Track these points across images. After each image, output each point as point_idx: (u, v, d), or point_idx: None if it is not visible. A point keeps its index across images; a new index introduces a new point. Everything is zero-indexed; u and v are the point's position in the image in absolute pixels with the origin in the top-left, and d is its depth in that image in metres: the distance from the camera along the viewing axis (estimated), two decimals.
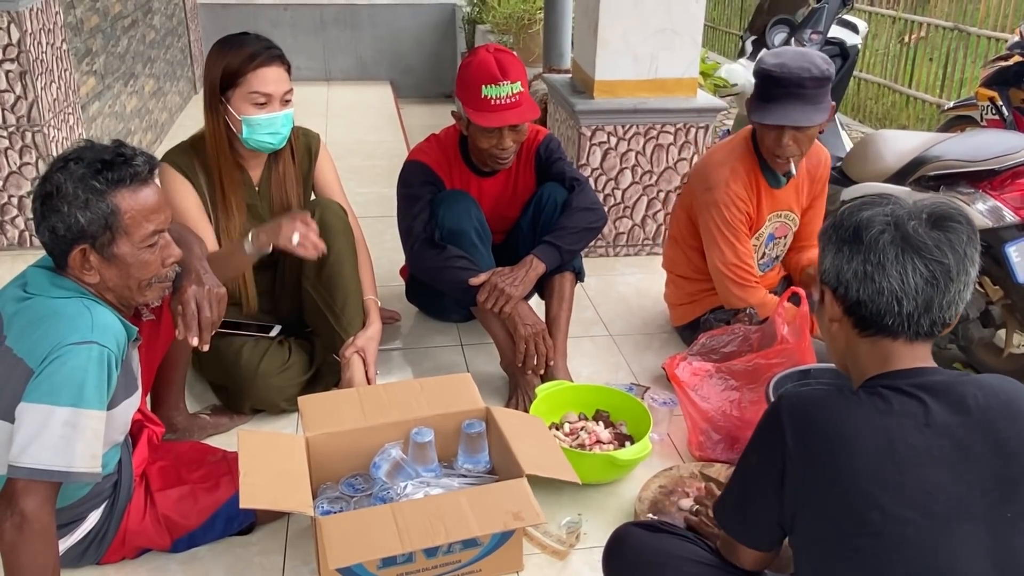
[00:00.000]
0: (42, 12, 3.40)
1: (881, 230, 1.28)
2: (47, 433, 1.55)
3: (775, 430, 1.31)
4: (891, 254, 1.27)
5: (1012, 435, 1.24)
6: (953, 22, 6.70)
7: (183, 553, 1.95)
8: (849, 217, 1.33)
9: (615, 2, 3.29)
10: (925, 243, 1.26)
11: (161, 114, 5.44)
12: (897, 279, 1.27)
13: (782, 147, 2.44)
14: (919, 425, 1.24)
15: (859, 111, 7.47)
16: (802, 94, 2.36)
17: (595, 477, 2.18)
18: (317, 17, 7.33)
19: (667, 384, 2.57)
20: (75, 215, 1.63)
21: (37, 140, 3.40)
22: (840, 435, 1.25)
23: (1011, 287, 2.79)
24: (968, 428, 1.24)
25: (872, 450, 1.23)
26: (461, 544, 1.81)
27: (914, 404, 1.25)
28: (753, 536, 1.43)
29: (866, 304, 1.30)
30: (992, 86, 4.17)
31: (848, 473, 1.23)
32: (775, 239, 2.73)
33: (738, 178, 2.55)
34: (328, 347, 2.49)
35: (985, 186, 2.75)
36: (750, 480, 1.40)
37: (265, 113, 2.32)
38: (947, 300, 1.28)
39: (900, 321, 1.29)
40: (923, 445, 1.22)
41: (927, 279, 1.26)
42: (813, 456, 1.26)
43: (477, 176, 2.68)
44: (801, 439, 1.27)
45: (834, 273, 1.33)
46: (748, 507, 1.41)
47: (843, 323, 1.36)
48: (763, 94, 2.44)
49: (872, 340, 1.33)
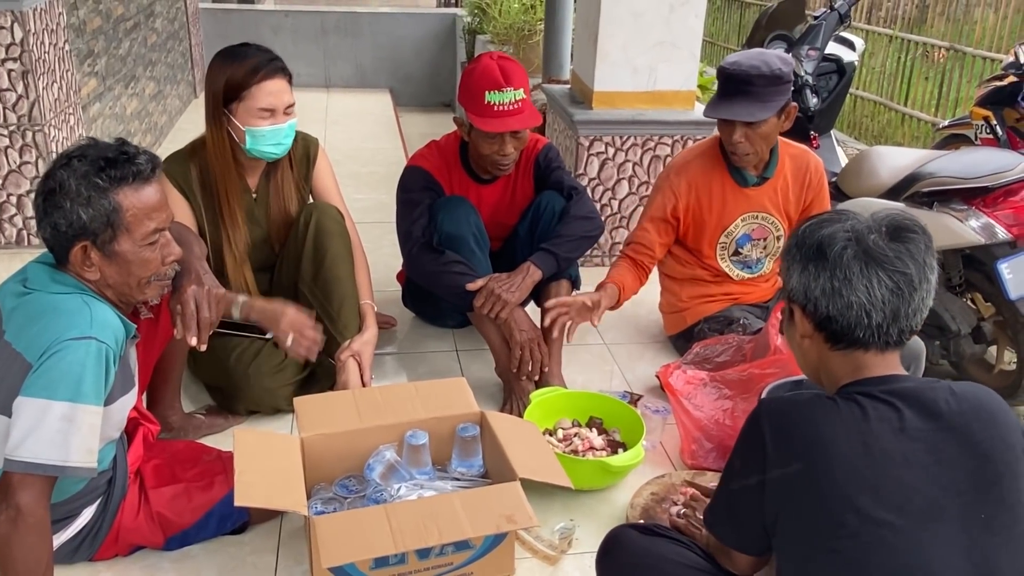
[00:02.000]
0: (45, 12, 3.41)
1: (844, 246, 1.33)
2: (44, 427, 1.56)
3: (756, 435, 1.35)
4: (856, 268, 1.32)
5: (984, 438, 1.28)
6: (949, 42, 6.77)
7: (176, 551, 1.95)
8: (811, 235, 1.38)
9: (615, 14, 3.33)
10: (887, 255, 1.31)
11: (161, 117, 5.46)
12: (864, 292, 1.31)
13: (734, 143, 2.52)
14: (894, 430, 1.27)
15: (855, 128, 7.52)
16: (749, 91, 2.44)
17: (588, 483, 2.19)
18: (318, 24, 7.36)
19: (660, 393, 2.59)
20: (77, 211, 1.64)
21: (37, 139, 3.41)
22: (818, 439, 1.28)
23: (1003, 304, 2.82)
24: (941, 432, 1.28)
25: (849, 454, 1.26)
26: (453, 546, 1.82)
27: (888, 410, 1.29)
28: (743, 540, 1.45)
29: (836, 319, 1.34)
30: (987, 105, 4.22)
31: (826, 476, 1.26)
32: (752, 240, 2.75)
33: (686, 172, 2.66)
34: (324, 350, 2.49)
35: (978, 203, 2.78)
36: (735, 485, 1.42)
37: (269, 125, 2.34)
38: (912, 308, 1.33)
39: (871, 333, 1.33)
40: (898, 449, 1.26)
41: (892, 290, 1.31)
42: (792, 460, 1.30)
43: (476, 183, 2.70)
44: (780, 443, 1.31)
45: (802, 291, 1.38)
46: (735, 512, 1.43)
47: (815, 339, 1.40)
48: (719, 90, 2.54)
49: (844, 353, 1.37)
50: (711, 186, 2.66)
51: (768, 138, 2.53)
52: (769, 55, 2.48)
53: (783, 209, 2.72)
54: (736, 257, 2.77)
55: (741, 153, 2.54)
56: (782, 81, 2.44)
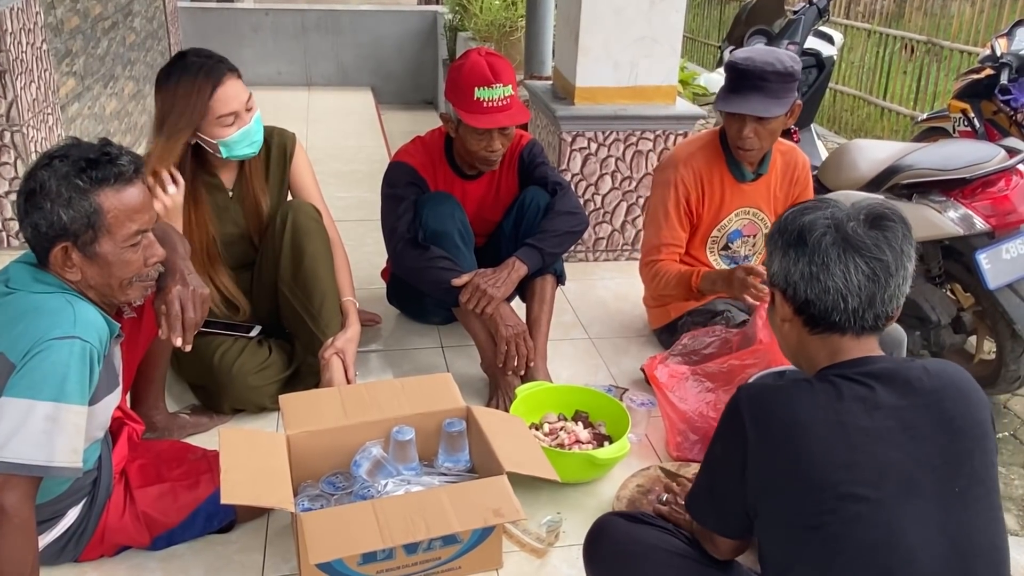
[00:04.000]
0: (22, 12, 3.38)
1: (823, 232, 1.37)
2: (28, 427, 1.55)
3: (735, 420, 1.37)
4: (834, 254, 1.35)
5: (957, 414, 1.32)
6: (927, 36, 6.83)
7: (162, 551, 1.94)
8: (793, 221, 1.41)
9: (596, 10, 3.34)
10: (864, 242, 1.35)
11: (140, 117, 5.42)
12: (841, 278, 1.35)
13: (743, 138, 2.52)
14: (868, 408, 1.31)
15: (835, 122, 7.58)
16: (764, 87, 2.45)
17: (574, 476, 2.20)
18: (299, 22, 7.33)
19: (645, 386, 2.61)
20: (58, 213, 1.63)
21: (16, 140, 3.38)
22: (796, 421, 1.32)
23: (982, 294, 2.85)
24: (915, 408, 1.31)
25: (825, 434, 1.29)
26: (441, 541, 1.82)
27: (863, 390, 1.32)
28: (724, 524, 1.48)
29: (814, 303, 1.38)
30: (964, 98, 4.26)
31: (804, 456, 1.30)
32: (743, 236, 2.77)
33: (692, 164, 2.65)
34: (307, 349, 2.49)
35: (957, 194, 2.81)
36: (716, 470, 1.46)
37: (237, 130, 2.33)
38: (888, 295, 1.36)
39: (846, 317, 1.37)
40: (872, 427, 1.30)
41: (868, 276, 1.35)
42: (771, 442, 1.33)
43: (461, 179, 2.71)
44: (759, 426, 1.34)
45: (782, 275, 1.42)
46: (717, 496, 1.46)
47: (794, 322, 1.44)
48: (730, 86, 2.54)
49: (822, 337, 1.41)
50: (712, 179, 2.67)
51: (774, 134, 2.56)
52: (780, 53, 2.52)
53: (773, 206, 2.75)
54: (725, 252, 2.78)
55: (747, 148, 2.55)
56: (793, 79, 2.48)
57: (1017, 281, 2.76)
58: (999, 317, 2.82)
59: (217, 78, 2.29)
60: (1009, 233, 2.77)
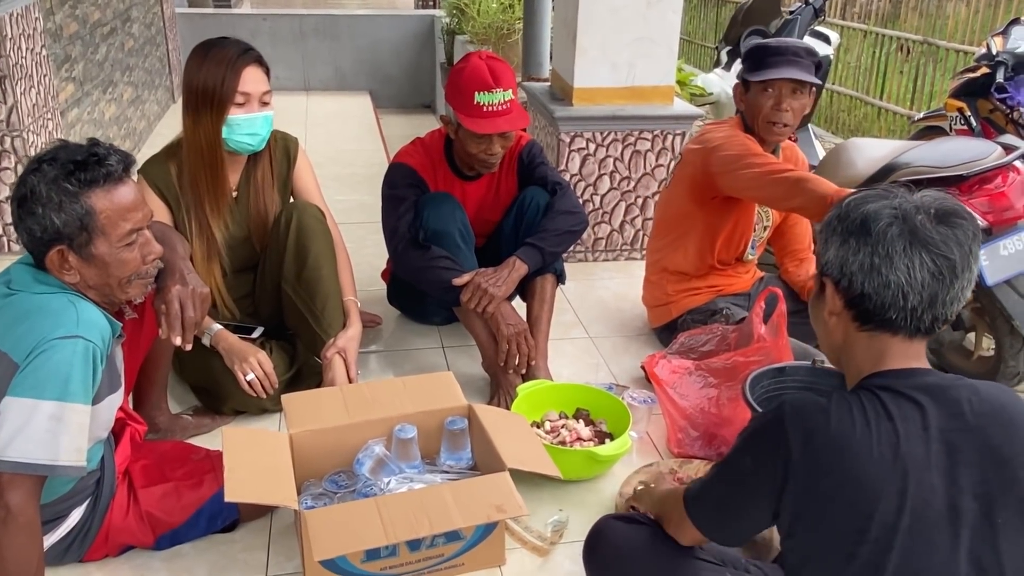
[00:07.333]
0: (22, 17, 3.40)
1: (889, 223, 1.27)
2: (32, 426, 1.56)
3: (778, 437, 1.28)
4: (899, 247, 1.26)
5: (1003, 442, 1.25)
6: (923, 36, 6.85)
7: (166, 551, 1.95)
8: (855, 208, 1.31)
9: (594, 11, 3.35)
10: (933, 238, 1.26)
11: (139, 122, 5.43)
12: (904, 272, 1.26)
13: (780, 111, 2.54)
14: (918, 430, 1.24)
15: (831, 123, 7.59)
16: (797, 61, 2.53)
17: (576, 473, 2.21)
18: (296, 27, 7.35)
19: (645, 385, 2.62)
20: (50, 217, 1.62)
21: (16, 145, 3.39)
22: (845, 444, 1.24)
23: (980, 291, 2.85)
24: (962, 434, 1.24)
25: (875, 457, 1.22)
26: (444, 538, 1.83)
27: (912, 408, 1.25)
28: (723, 534, 1.43)
29: (871, 297, 1.29)
30: (961, 97, 4.27)
31: (851, 481, 1.23)
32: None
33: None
34: (309, 349, 2.50)
35: (954, 191, 2.81)
36: (740, 483, 1.37)
37: (244, 113, 2.34)
38: (950, 296, 1.28)
39: (904, 316, 1.28)
40: (920, 451, 1.23)
41: (933, 274, 1.25)
42: (818, 463, 1.25)
43: (461, 180, 2.72)
44: (807, 447, 1.26)
45: (838, 265, 1.32)
46: (730, 509, 1.40)
47: (843, 316, 1.35)
48: (760, 63, 2.57)
49: (871, 334, 1.32)
50: None
51: (798, 116, 2.59)
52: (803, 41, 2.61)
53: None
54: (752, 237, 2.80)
55: (784, 123, 2.55)
56: (819, 63, 2.57)
57: (1015, 277, 2.76)
58: (997, 313, 2.83)
59: (248, 60, 2.35)
60: (1006, 229, 2.77)
